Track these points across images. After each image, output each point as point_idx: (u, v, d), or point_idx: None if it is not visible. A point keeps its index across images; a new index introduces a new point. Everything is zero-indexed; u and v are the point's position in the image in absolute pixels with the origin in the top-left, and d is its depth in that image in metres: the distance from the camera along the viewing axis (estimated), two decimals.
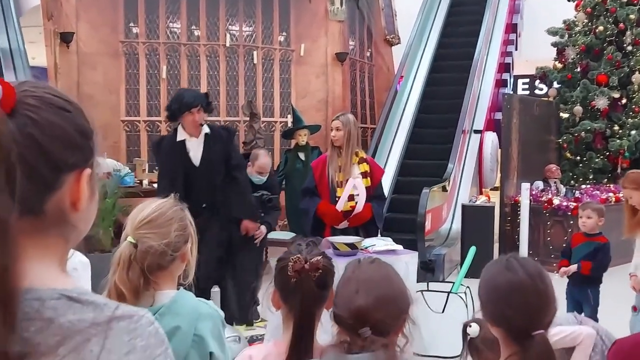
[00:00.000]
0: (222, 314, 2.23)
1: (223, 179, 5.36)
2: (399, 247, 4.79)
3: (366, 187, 5.34)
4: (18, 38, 9.17)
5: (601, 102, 11.32)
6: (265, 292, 2.08)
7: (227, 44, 10.45)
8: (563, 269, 5.25)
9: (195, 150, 5.27)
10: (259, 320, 5.82)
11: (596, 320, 5.09)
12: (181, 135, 5.24)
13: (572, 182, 11.42)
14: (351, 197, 5.29)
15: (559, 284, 5.99)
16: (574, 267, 5.20)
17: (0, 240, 0.83)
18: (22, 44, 9.00)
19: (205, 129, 5.28)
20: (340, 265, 2.01)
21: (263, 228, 5.88)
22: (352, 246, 4.64)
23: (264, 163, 6.25)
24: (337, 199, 5.27)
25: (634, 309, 4.38)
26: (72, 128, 0.97)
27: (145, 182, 8.45)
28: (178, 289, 2.18)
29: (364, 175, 5.34)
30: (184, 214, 2.17)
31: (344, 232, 5.23)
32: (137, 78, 10.09)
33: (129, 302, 1.95)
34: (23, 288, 0.86)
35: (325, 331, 1.94)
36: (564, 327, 2.80)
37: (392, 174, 10.14)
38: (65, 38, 9.44)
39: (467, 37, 12.53)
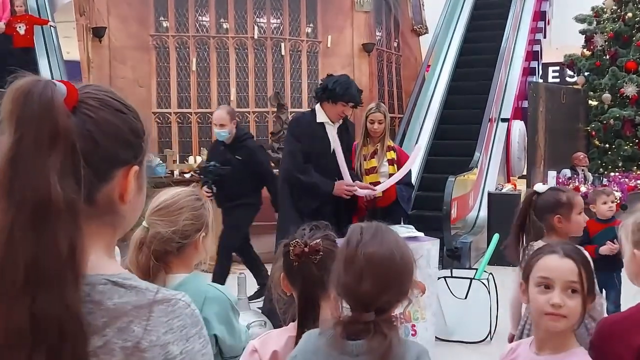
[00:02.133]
0: (234, 298, 2.28)
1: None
2: (421, 234, 4.85)
3: (392, 174, 5.47)
4: (61, 70, 9.54)
5: (630, 90, 11.25)
6: (271, 276, 2.12)
7: (255, 36, 10.60)
8: (613, 246, 4.83)
9: (332, 135, 5.14)
10: None
11: (619, 304, 5.12)
12: (321, 117, 5.09)
13: (601, 169, 11.38)
14: (378, 184, 5.42)
15: None
16: (616, 247, 4.71)
17: (71, 220, 0.94)
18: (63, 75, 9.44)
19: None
20: None
21: None
22: None
23: None
24: None
25: None
26: (125, 127, 1.06)
27: (176, 172, 8.65)
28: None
29: (391, 162, 5.46)
30: (199, 204, 2.22)
31: (372, 216, 5.34)
32: (168, 71, 10.29)
33: None
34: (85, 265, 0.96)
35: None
36: None
37: (420, 162, 10.18)
38: (98, 33, 9.66)
39: (494, 25, 12.47)
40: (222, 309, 2.18)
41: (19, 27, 9.42)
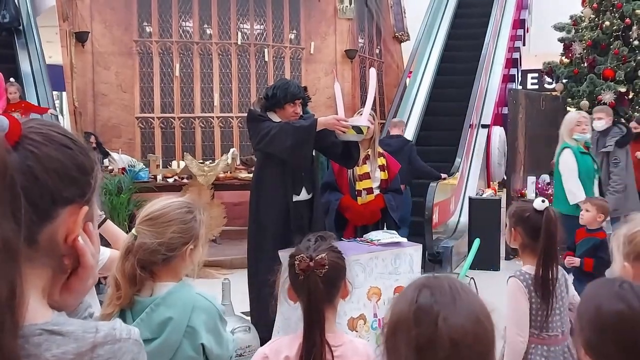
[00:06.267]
0: (221, 308, 2.27)
1: None
2: (404, 240, 4.91)
3: (383, 180, 5.54)
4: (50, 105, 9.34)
5: (607, 97, 11.39)
6: (282, 286, 2.13)
7: (239, 42, 10.66)
8: (569, 259, 5.05)
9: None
10: None
11: None
12: None
13: None
14: (370, 191, 5.48)
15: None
16: (577, 261, 5.03)
17: (10, 266, 0.86)
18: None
19: None
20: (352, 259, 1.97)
21: None
22: (357, 129, 4.69)
23: None
24: (356, 192, 5.44)
25: None
26: (71, 163, 1.01)
27: (159, 177, 8.67)
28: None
29: (382, 168, 5.53)
30: (189, 217, 2.19)
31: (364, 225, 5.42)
32: (151, 76, 10.31)
33: (123, 291, 2.08)
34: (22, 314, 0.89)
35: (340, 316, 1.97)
36: None
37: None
38: (81, 38, 9.67)
39: (475, 33, 12.64)
40: (210, 319, 2.18)
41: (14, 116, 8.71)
